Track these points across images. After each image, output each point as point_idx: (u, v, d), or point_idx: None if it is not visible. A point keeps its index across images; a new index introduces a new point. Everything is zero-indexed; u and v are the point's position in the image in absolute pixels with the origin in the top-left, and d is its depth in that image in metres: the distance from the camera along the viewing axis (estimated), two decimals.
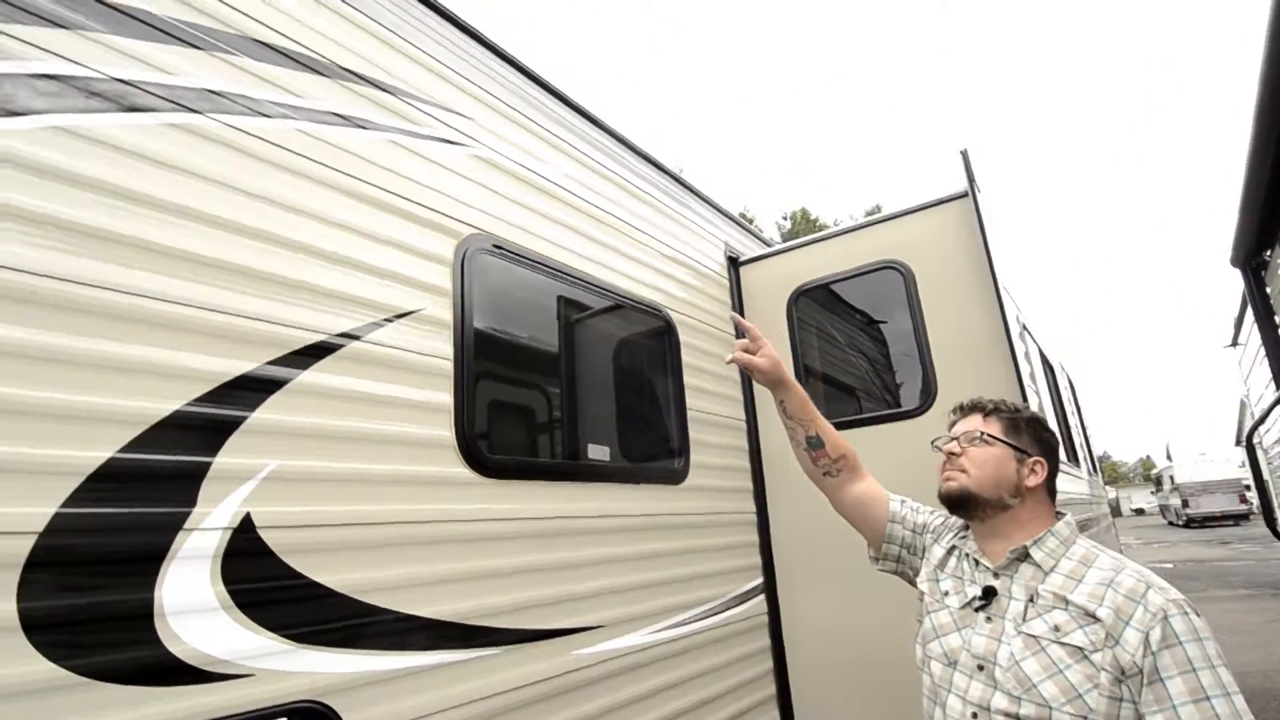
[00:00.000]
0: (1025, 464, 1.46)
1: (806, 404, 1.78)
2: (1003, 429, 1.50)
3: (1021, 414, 1.54)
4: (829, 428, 1.77)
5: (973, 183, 3.07)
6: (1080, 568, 1.33)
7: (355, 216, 1.86)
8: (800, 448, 1.79)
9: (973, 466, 1.46)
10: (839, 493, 1.76)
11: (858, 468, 1.77)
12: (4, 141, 1.26)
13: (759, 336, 1.78)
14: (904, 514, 1.70)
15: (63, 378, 1.26)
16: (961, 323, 3.08)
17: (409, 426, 1.84)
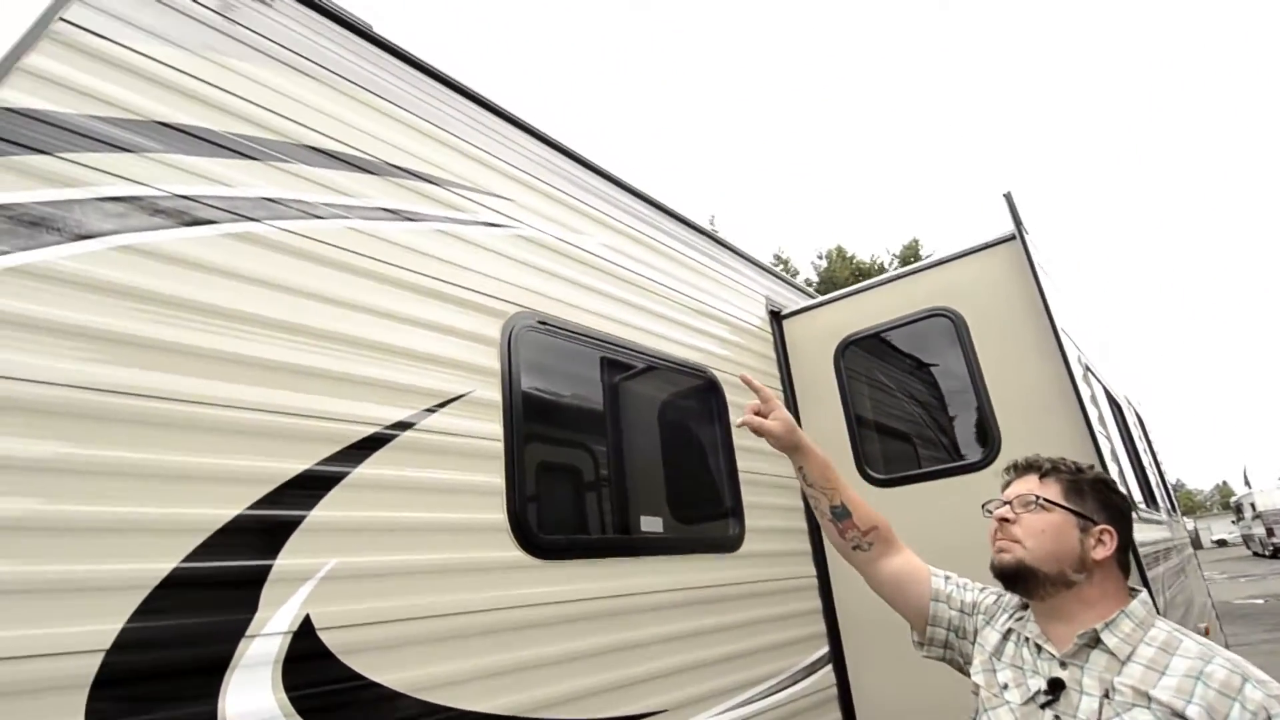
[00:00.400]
0: (1090, 533, 1.28)
1: (828, 469, 1.61)
2: (1062, 492, 1.33)
3: (1084, 474, 1.36)
4: (856, 496, 1.61)
5: (1020, 225, 3.00)
6: (1162, 656, 1.16)
7: (405, 306, 1.90)
8: (825, 519, 1.62)
9: (1028, 536, 1.30)
10: (872, 569, 1.58)
11: (892, 540, 1.59)
12: (75, 265, 1.32)
13: (770, 397, 1.65)
14: (949, 592, 1.50)
15: (127, 490, 1.29)
16: (1021, 369, 2.96)
17: (462, 512, 1.83)
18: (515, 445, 2.02)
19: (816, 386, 3.55)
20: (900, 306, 3.36)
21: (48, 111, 1.36)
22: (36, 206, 1.30)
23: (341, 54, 2.03)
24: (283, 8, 1.93)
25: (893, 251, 28.59)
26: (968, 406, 3.13)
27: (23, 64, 1.34)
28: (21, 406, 1.21)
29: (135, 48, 1.55)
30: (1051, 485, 1.36)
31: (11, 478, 1.17)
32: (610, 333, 2.57)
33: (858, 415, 3.41)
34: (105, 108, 1.46)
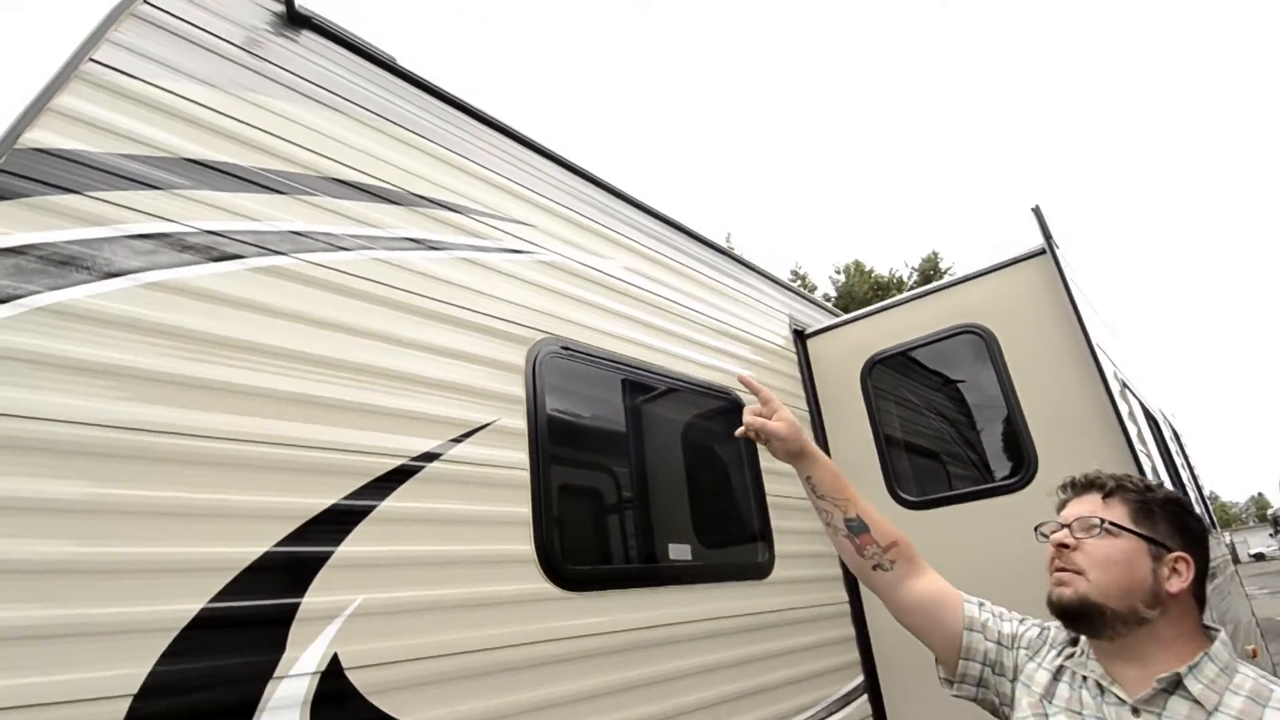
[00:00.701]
0: (1164, 562, 1.12)
1: (839, 478, 1.44)
2: (1130, 514, 1.17)
3: (1154, 494, 1.20)
4: (872, 509, 1.42)
5: (1050, 239, 2.94)
6: (1253, 707, 1.03)
7: (430, 335, 1.89)
8: (839, 534, 1.42)
9: (1094, 567, 1.14)
10: (896, 592, 1.37)
11: (915, 559, 1.40)
12: (104, 303, 1.32)
13: (771, 398, 1.49)
14: (984, 620, 1.31)
15: (154, 530, 1.27)
16: (1055, 386, 2.88)
17: (489, 544, 1.80)
18: (541, 474, 1.99)
19: (843, 407, 3.48)
20: (928, 323, 3.30)
21: (78, 151, 1.37)
22: (66, 245, 1.31)
23: (365, 86, 2.04)
24: (308, 43, 1.95)
25: (911, 265, 28.38)
26: (1001, 426, 3.05)
27: (53, 105, 1.36)
28: (51, 447, 1.20)
29: (164, 86, 1.56)
30: (1117, 506, 1.19)
31: (41, 520, 1.16)
32: (634, 356, 2.54)
33: (886, 435, 3.34)
34: (134, 146, 1.47)
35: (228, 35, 1.75)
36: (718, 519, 2.76)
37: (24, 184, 1.28)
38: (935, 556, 1.51)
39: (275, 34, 1.88)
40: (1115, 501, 1.20)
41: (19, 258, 1.24)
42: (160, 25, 1.61)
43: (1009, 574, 2.37)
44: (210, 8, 1.73)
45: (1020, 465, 2.92)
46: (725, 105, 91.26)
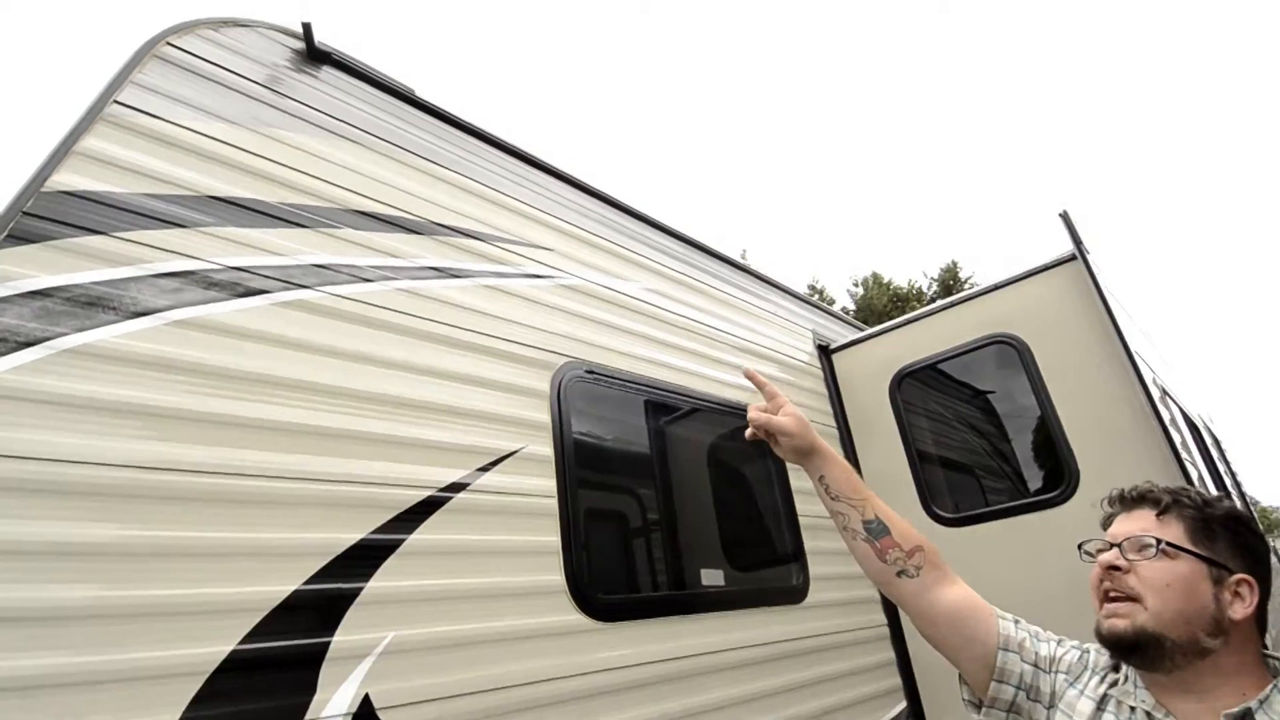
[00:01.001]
0: (1225, 585, 1.02)
1: (853, 476, 1.33)
2: (1188, 533, 1.06)
3: (1214, 509, 1.09)
4: (892, 512, 1.29)
5: (1079, 244, 2.87)
6: None
7: (455, 364, 1.87)
8: (858, 538, 1.28)
9: (1150, 592, 1.03)
10: (924, 602, 1.22)
11: (942, 566, 1.25)
12: (129, 343, 1.32)
13: (776, 393, 1.39)
14: (1021, 639, 1.18)
15: (183, 571, 1.25)
16: (1093, 396, 2.79)
17: (518, 575, 1.76)
18: (570, 501, 1.95)
19: (872, 422, 3.41)
20: (956, 335, 3.23)
21: (103, 192, 1.38)
22: (93, 286, 1.31)
23: (385, 119, 2.06)
24: (328, 78, 1.97)
25: (930, 275, 28.14)
26: (1039, 438, 2.96)
27: (79, 147, 1.37)
28: (79, 490, 1.19)
29: (187, 125, 1.58)
30: (1173, 524, 1.08)
31: (69, 564, 1.14)
32: (659, 378, 2.50)
33: (919, 450, 3.26)
34: (159, 185, 1.48)
35: (249, 73, 1.77)
36: (750, 541, 2.70)
37: (51, 227, 1.29)
38: (974, 575, 1.41)
39: (296, 70, 1.90)
40: (1171, 519, 1.09)
41: (46, 300, 1.25)
42: (183, 66, 1.62)
43: (1053, 593, 2.28)
44: (232, 47, 1.75)
45: (1060, 478, 2.82)
46: (734, 118, 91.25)
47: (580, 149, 60.52)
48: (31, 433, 1.17)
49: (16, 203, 1.26)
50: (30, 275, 1.24)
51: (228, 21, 1.75)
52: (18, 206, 1.26)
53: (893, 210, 53.25)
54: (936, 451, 3.37)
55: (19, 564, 1.10)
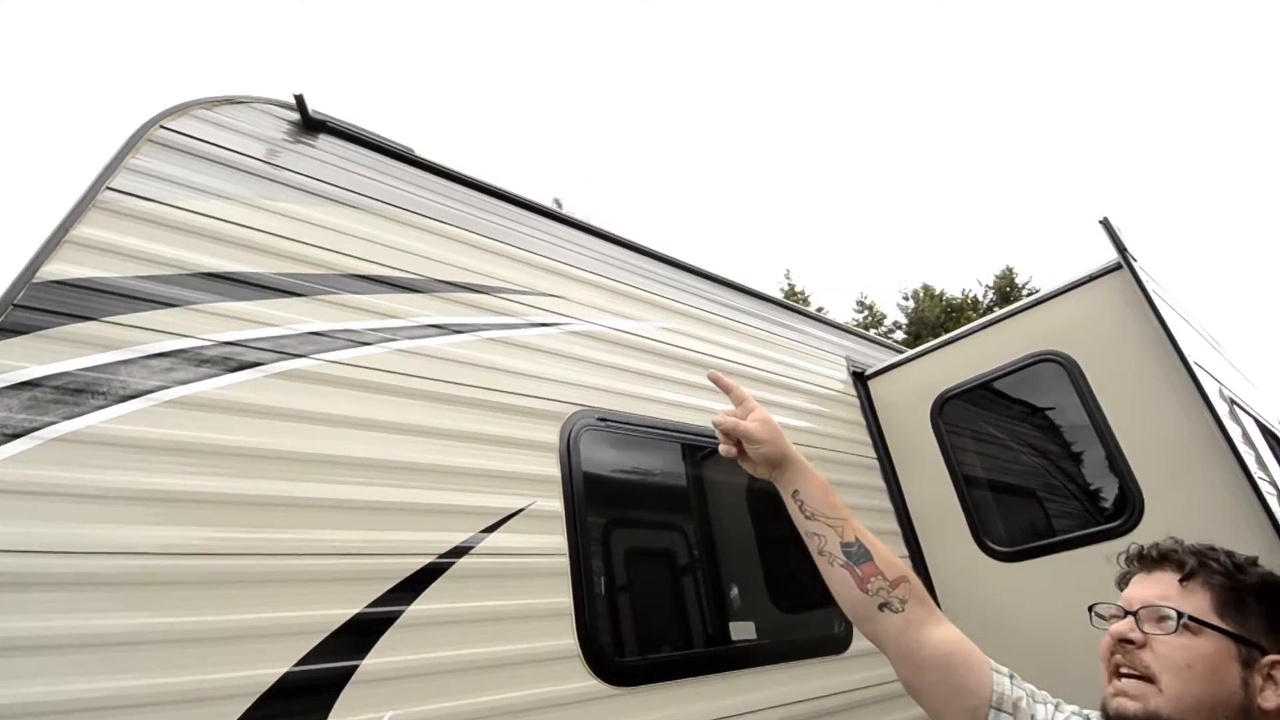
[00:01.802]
0: (1258, 668, 0.90)
1: (831, 493, 1.18)
2: (1215, 603, 0.94)
3: (1246, 575, 0.97)
4: (873, 536, 1.14)
5: (1124, 252, 2.68)
6: None
7: (456, 422, 1.83)
8: (835, 564, 1.12)
9: (1168, 672, 0.91)
10: (909, 640, 1.05)
11: (928, 602, 1.10)
12: (119, 427, 1.32)
13: (745, 397, 1.25)
14: (1017, 698, 1.01)
15: (165, 659, 1.23)
16: (1153, 414, 2.58)
17: (528, 641, 1.68)
18: (581, 558, 1.88)
19: (915, 450, 3.24)
20: (998, 355, 3.05)
21: (95, 278, 1.41)
22: (81, 373, 1.32)
23: (382, 179, 2.07)
24: (324, 145, 2.00)
25: (985, 283, 27.28)
26: (1096, 462, 2.74)
27: (71, 236, 1.40)
28: (66, 581, 1.18)
29: (181, 205, 1.61)
30: (1198, 592, 0.96)
31: (46, 659, 1.13)
32: (677, 420, 2.42)
33: (966, 478, 3.07)
34: (151, 266, 1.50)
35: (245, 149, 1.80)
36: (782, 588, 2.56)
37: (41, 317, 1.31)
38: (1031, 616, 1.25)
39: (292, 141, 1.93)
40: (1196, 586, 0.97)
41: (34, 390, 1.26)
42: (178, 147, 1.66)
43: None
44: (227, 124, 1.79)
45: (1124, 504, 2.60)
46: (768, 137, 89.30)
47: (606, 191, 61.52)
48: (16, 525, 1.17)
49: (8, 295, 1.29)
50: (19, 367, 1.26)
51: (222, 100, 1.79)
52: (9, 299, 1.29)
53: (938, 218, 51.97)
54: (986, 479, 3.17)
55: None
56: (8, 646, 1.09)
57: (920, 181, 58.36)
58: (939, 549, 3.03)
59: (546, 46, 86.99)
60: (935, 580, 2.98)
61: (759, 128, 77.54)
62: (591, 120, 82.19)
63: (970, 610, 2.88)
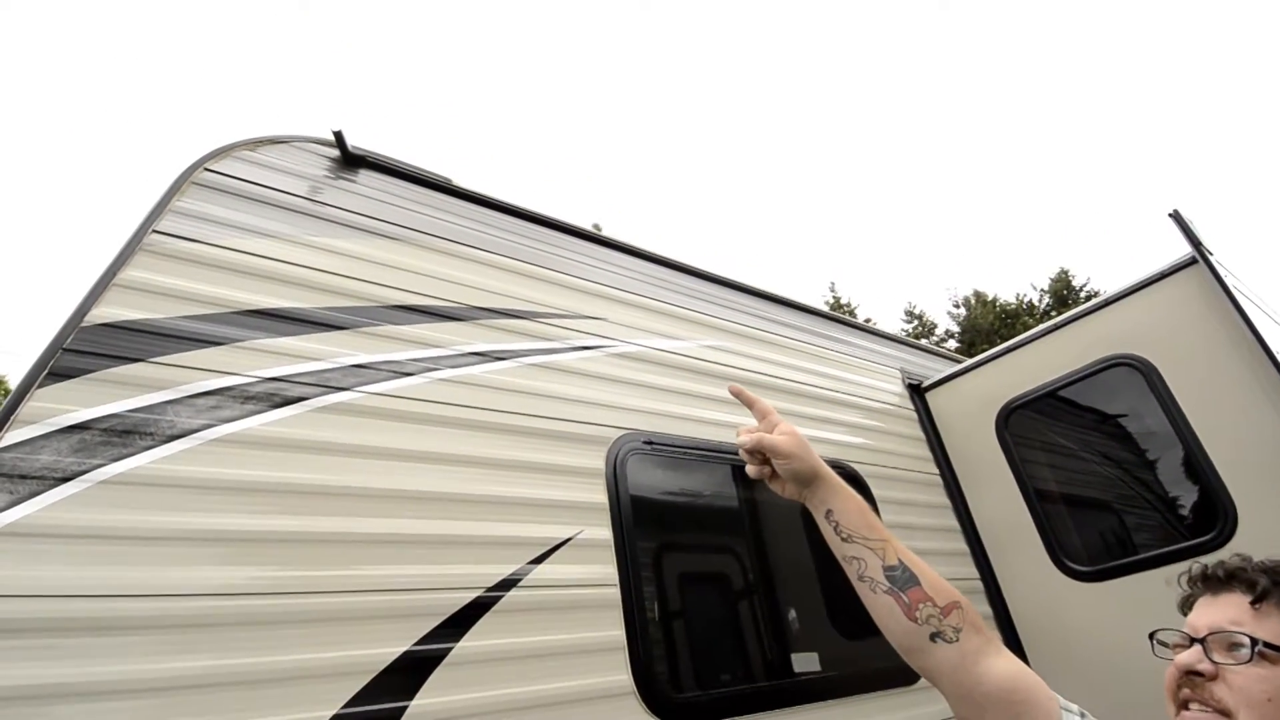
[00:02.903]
0: None
1: (869, 512, 1.05)
2: None
3: None
4: (918, 558, 1.01)
5: (1199, 246, 2.51)
6: None
7: (501, 451, 1.80)
8: (879, 590, 0.98)
9: (1245, 707, 0.83)
10: (967, 675, 0.90)
11: (984, 630, 0.95)
12: (166, 467, 1.32)
13: (770, 411, 1.14)
14: None
15: (211, 703, 1.20)
16: (1242, 416, 2.38)
17: (580, 678, 1.62)
18: (633, 588, 1.80)
19: (980, 464, 3.07)
20: (1066, 360, 2.88)
21: (142, 320, 1.42)
22: (129, 414, 1.33)
23: (422, 210, 2.08)
24: (364, 179, 2.01)
25: (1040, 286, 26.37)
26: (1180, 471, 2.55)
27: (119, 279, 1.42)
28: (114, 625, 1.17)
29: (226, 245, 1.63)
30: (1274, 616, 0.87)
31: (93, 705, 1.11)
32: (727, 441, 2.34)
33: (1038, 492, 2.89)
34: (196, 306, 1.51)
35: (287, 187, 1.82)
36: (845, 615, 2.42)
37: (89, 360, 1.33)
38: (1117, 641, 1.13)
39: (333, 177, 1.95)
40: (1271, 608, 0.87)
41: (84, 433, 1.27)
42: (221, 189, 1.69)
43: None
44: (268, 164, 1.81)
45: (1214, 517, 2.40)
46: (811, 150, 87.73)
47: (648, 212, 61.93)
48: (67, 570, 1.16)
49: (57, 340, 1.31)
50: (69, 410, 1.27)
51: (263, 140, 1.82)
52: (58, 344, 1.30)
53: (985, 221, 50.54)
54: (1060, 494, 2.98)
55: (44, 708, 1.08)
56: (56, 694, 1.08)
57: (965, 185, 57.03)
58: (1012, 569, 2.85)
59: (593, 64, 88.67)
60: (1010, 603, 2.80)
61: (800, 138, 77.24)
62: (634, 142, 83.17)
63: (1048, 634, 2.69)
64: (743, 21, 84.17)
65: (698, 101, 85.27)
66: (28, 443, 1.21)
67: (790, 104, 79.78)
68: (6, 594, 1.11)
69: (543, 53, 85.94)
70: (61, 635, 1.13)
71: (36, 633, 1.11)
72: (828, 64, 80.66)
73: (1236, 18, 49.65)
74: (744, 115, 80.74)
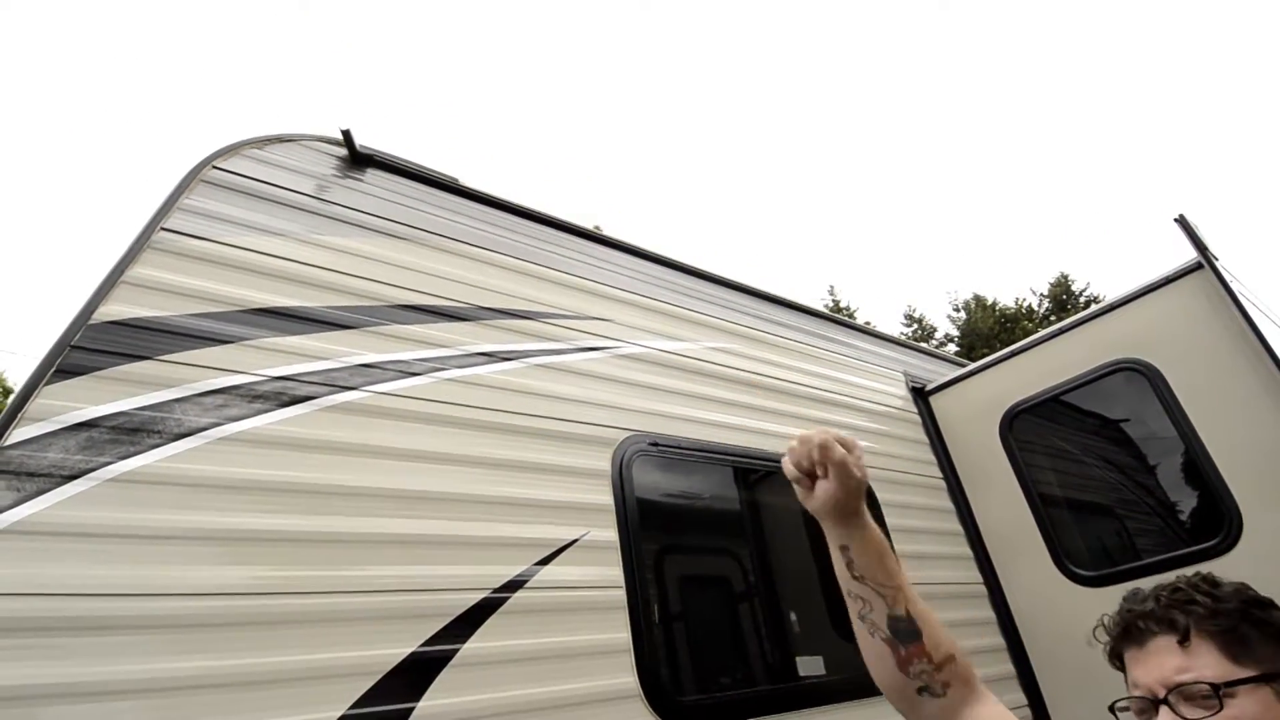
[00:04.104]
0: None
1: (887, 556, 1.01)
2: (1224, 652, 0.86)
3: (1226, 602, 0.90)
4: (927, 609, 0.97)
5: (1204, 250, 2.51)
6: None
7: (506, 451, 1.79)
8: (876, 635, 0.96)
9: None
10: None
11: (972, 680, 0.95)
12: (173, 466, 1.31)
13: (856, 444, 1.02)
14: None
15: (216, 704, 1.19)
16: (1247, 422, 2.38)
17: (586, 680, 1.61)
18: (639, 590, 1.80)
19: (984, 469, 3.07)
20: (1069, 365, 2.87)
21: (150, 318, 1.41)
22: (137, 412, 1.32)
23: (429, 210, 2.07)
24: (372, 178, 2.01)
25: (1039, 291, 26.39)
26: (1185, 476, 2.55)
27: (126, 276, 1.41)
28: (124, 624, 1.16)
29: (233, 243, 1.62)
30: (1204, 649, 0.87)
31: (94, 706, 1.10)
32: (733, 443, 2.34)
33: (1042, 496, 2.88)
34: (205, 304, 1.51)
35: (295, 185, 1.82)
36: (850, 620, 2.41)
37: (97, 358, 1.32)
38: None
39: (341, 176, 1.94)
40: (1202, 644, 0.87)
41: (91, 431, 1.26)
42: (229, 186, 1.69)
43: None
44: (276, 162, 1.81)
45: (1219, 522, 2.40)
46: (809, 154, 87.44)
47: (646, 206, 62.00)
48: (73, 568, 1.16)
49: (65, 337, 1.30)
50: (77, 408, 1.27)
51: (271, 139, 1.82)
52: (65, 341, 1.30)
53: (984, 225, 50.59)
54: (1064, 498, 2.97)
55: (50, 708, 1.07)
56: (61, 693, 1.08)
57: (966, 188, 57.06)
58: (1016, 573, 2.85)
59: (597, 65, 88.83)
60: (1013, 606, 2.79)
61: (801, 140, 77.33)
62: (633, 142, 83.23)
63: (1051, 638, 2.68)
64: (743, 23, 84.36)
65: (698, 103, 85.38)
66: (35, 440, 1.21)
67: (791, 106, 79.88)
68: (13, 592, 1.10)
69: (542, 52, 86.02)
70: (69, 634, 1.12)
71: (44, 632, 1.10)
72: (829, 65, 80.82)
73: (1240, 22, 49.82)
74: (744, 117, 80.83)
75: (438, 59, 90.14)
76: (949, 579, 2.68)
